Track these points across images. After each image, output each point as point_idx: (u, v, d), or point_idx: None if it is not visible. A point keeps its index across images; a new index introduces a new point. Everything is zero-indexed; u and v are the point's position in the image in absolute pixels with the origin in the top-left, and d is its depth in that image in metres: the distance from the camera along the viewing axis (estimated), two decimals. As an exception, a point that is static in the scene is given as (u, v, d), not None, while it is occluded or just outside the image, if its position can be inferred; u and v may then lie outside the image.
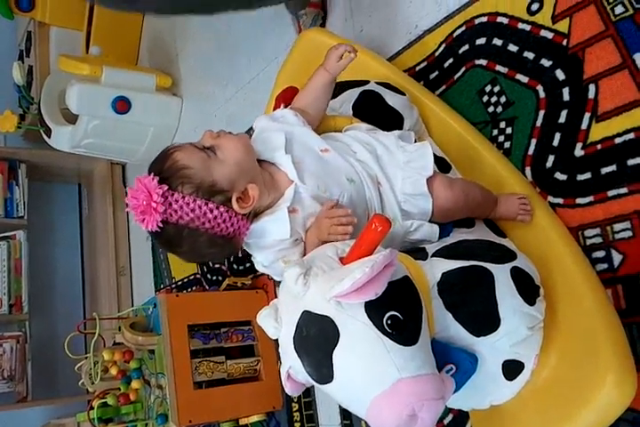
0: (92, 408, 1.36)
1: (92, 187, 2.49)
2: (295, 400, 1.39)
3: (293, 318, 0.67)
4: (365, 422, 1.18)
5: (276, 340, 0.71)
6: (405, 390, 0.60)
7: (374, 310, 0.63)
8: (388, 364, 0.61)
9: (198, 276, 1.82)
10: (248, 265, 1.61)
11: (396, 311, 0.63)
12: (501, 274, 0.72)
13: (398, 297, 0.65)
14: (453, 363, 0.69)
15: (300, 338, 0.66)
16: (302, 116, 0.90)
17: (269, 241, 0.80)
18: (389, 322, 0.63)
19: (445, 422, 1.00)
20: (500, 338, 0.70)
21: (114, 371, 1.42)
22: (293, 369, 0.71)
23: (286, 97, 1.11)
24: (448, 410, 0.99)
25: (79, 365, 1.44)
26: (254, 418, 1.45)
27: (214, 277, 1.73)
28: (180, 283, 1.92)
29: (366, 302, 0.62)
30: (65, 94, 1.90)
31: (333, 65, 0.92)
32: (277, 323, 0.71)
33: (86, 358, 1.42)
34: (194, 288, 1.79)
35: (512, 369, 0.73)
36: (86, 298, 2.50)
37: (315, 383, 0.68)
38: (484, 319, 0.70)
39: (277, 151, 0.83)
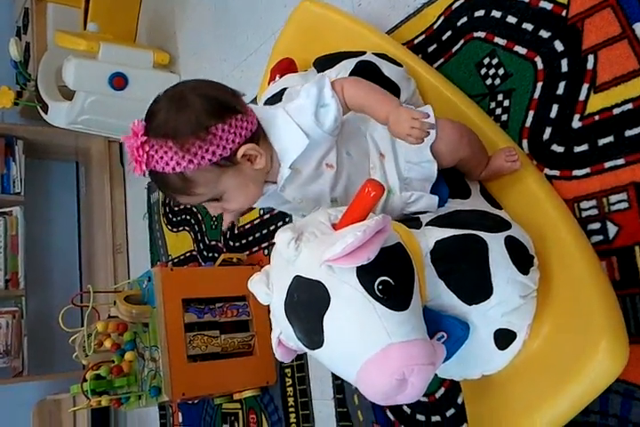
0: (85, 380, 1.36)
1: (89, 164, 2.49)
2: (289, 375, 1.40)
3: (285, 283, 0.67)
4: (357, 396, 1.18)
5: (269, 308, 0.72)
6: (395, 355, 0.60)
7: (366, 275, 0.63)
8: (378, 329, 0.61)
9: (194, 252, 1.82)
10: (244, 241, 1.61)
11: (387, 277, 0.63)
12: (495, 243, 0.71)
13: (390, 263, 0.65)
14: (445, 331, 0.69)
15: (292, 303, 0.66)
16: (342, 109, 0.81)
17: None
18: (380, 287, 0.62)
19: (437, 395, 1.00)
20: (493, 307, 0.70)
21: (108, 344, 1.42)
22: (284, 335, 0.71)
23: (281, 68, 1.10)
24: (440, 383, 0.99)
25: (73, 337, 1.44)
26: (248, 393, 1.46)
27: (210, 254, 1.73)
28: (176, 260, 1.92)
29: (358, 267, 0.62)
30: (62, 71, 1.89)
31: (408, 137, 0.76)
32: (269, 289, 0.71)
33: (80, 330, 1.42)
34: (190, 265, 1.79)
35: (504, 338, 0.72)
36: (83, 275, 2.50)
37: (305, 349, 0.68)
38: (476, 287, 0.70)
39: (287, 155, 0.79)
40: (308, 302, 0.64)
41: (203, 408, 1.71)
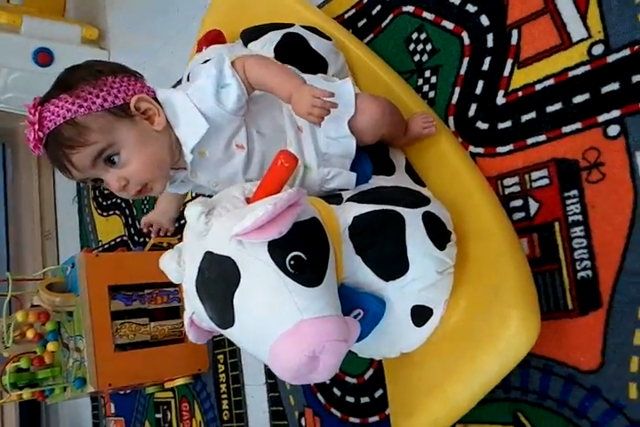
0: (4, 373, 1.29)
1: (16, 147, 2.37)
2: (221, 362, 1.37)
3: (196, 259, 0.64)
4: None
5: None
6: (306, 331, 0.58)
7: (277, 249, 0.60)
8: (289, 305, 0.59)
9: (125, 237, 1.75)
10: (176, 225, 1.55)
11: (299, 252, 0.61)
12: (413, 218, 0.70)
13: (304, 238, 0.63)
14: (361, 308, 0.68)
15: (202, 281, 0.63)
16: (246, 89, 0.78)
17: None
18: (292, 262, 0.60)
19: (366, 376, 0.99)
20: (409, 282, 0.69)
21: (30, 334, 1.35)
22: (197, 315, 0.68)
23: (209, 40, 1.06)
24: (368, 365, 0.98)
25: (-8, 328, 1.37)
26: (180, 381, 1.42)
27: (141, 239, 1.67)
28: (106, 246, 1.85)
29: (269, 242, 0.60)
30: (-19, 46, 1.78)
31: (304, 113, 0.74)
32: (181, 267, 0.68)
33: (-1, 321, 1.35)
34: (118, 250, 1.73)
35: (421, 315, 0.71)
36: (11, 263, 2.38)
37: (218, 329, 0.66)
38: (392, 263, 0.69)
39: (187, 140, 0.76)
40: (218, 278, 0.62)
41: (135, 398, 1.66)
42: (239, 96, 0.76)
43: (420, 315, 0.71)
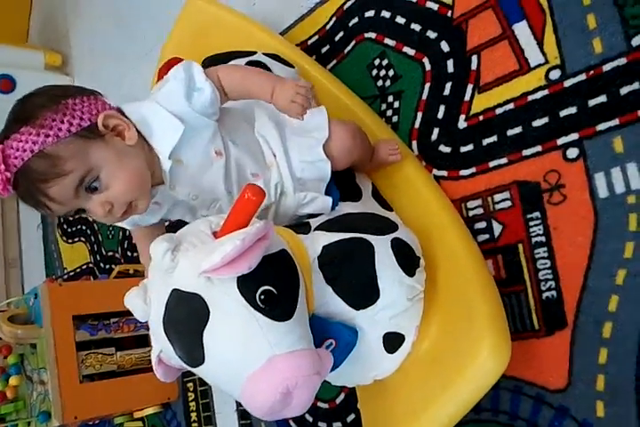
0: (-35, 410, 1.24)
1: (-24, 174, 2.31)
2: (191, 390, 1.34)
3: (163, 297, 0.62)
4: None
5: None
6: (278, 367, 0.57)
7: (247, 284, 0.59)
8: (260, 341, 0.58)
9: (91, 264, 1.72)
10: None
11: (270, 286, 0.60)
12: (381, 245, 0.70)
13: (273, 271, 0.62)
14: (333, 338, 0.67)
15: (170, 319, 0.62)
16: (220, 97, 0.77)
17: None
18: (263, 297, 0.59)
19: (337, 401, 0.98)
20: (380, 310, 0.69)
21: (-9, 368, 1.31)
22: (165, 353, 0.66)
23: (170, 68, 1.04)
24: (340, 390, 0.97)
25: (-51, 363, 1.32)
26: (149, 410, 1.39)
27: (107, 266, 1.64)
28: (72, 273, 1.81)
29: (239, 277, 0.59)
30: (-62, 71, 1.75)
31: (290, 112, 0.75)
32: (146, 304, 0.66)
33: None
34: (82, 278, 1.69)
35: (393, 342, 0.71)
36: (-28, 294, 2.32)
37: (188, 367, 0.64)
38: (363, 291, 0.68)
39: (164, 146, 0.74)
40: (187, 317, 0.60)
41: (103, 429, 1.61)
42: (212, 100, 0.74)
43: (392, 342, 0.71)
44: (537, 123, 0.77)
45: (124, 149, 0.72)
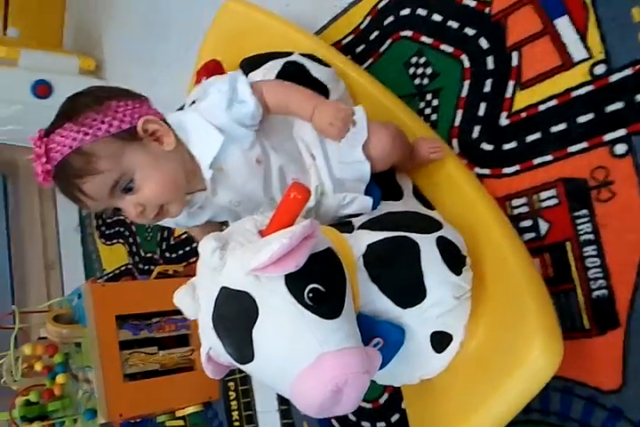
0: (14, 407, 1.28)
1: (16, 178, 2.37)
2: (232, 389, 1.36)
3: (211, 295, 0.63)
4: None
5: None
6: (328, 365, 0.57)
7: (295, 282, 0.60)
8: (309, 338, 0.58)
9: (130, 266, 1.75)
10: (181, 252, 1.55)
11: (317, 284, 0.60)
12: (427, 244, 0.70)
13: (320, 269, 0.62)
14: (381, 336, 0.67)
15: (219, 317, 0.63)
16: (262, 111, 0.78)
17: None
18: (311, 295, 0.59)
19: (381, 401, 0.98)
20: (427, 309, 0.68)
21: (38, 367, 1.34)
22: (214, 351, 0.67)
23: (208, 70, 1.06)
24: (383, 389, 0.97)
25: (0, 362, 1.36)
26: (191, 409, 1.41)
27: (146, 267, 1.67)
28: (111, 275, 1.85)
29: (286, 275, 0.59)
30: (-20, 80, 1.80)
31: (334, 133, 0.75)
32: (195, 302, 0.67)
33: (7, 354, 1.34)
34: (123, 279, 1.72)
35: (440, 341, 0.71)
36: (15, 295, 2.37)
37: (237, 364, 0.65)
38: (409, 290, 0.68)
39: (204, 155, 0.76)
40: (236, 315, 0.61)
41: (146, 427, 1.64)
42: (253, 113, 0.75)
43: (440, 341, 0.71)
44: (582, 119, 0.76)
45: (161, 154, 0.74)
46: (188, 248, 1.52)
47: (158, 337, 1.37)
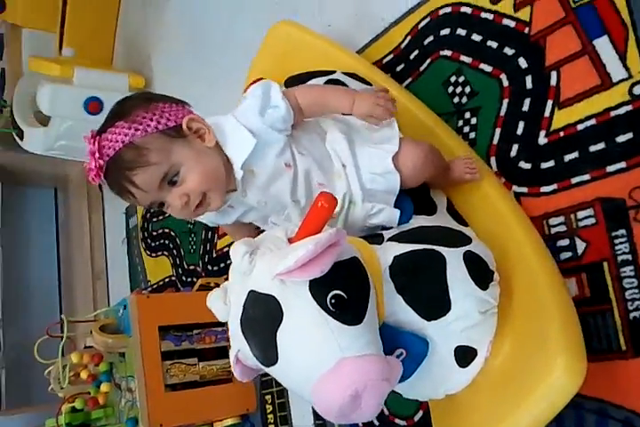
0: (60, 413, 1.32)
1: (67, 191, 2.47)
2: (269, 402, 1.37)
3: (241, 298, 0.65)
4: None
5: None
6: (347, 370, 0.59)
7: (318, 288, 0.61)
8: (330, 343, 0.60)
9: (173, 277, 1.79)
10: (222, 265, 1.58)
11: (340, 291, 0.62)
12: (454, 257, 0.70)
13: (344, 277, 0.64)
14: (404, 347, 0.67)
15: (247, 319, 0.65)
16: (294, 115, 0.82)
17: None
18: (333, 301, 0.61)
19: (415, 418, 0.98)
20: (452, 322, 0.69)
21: (84, 375, 1.38)
22: (242, 353, 0.69)
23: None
24: (418, 406, 0.97)
25: (48, 370, 1.41)
26: (228, 421, 1.42)
27: (189, 279, 1.71)
28: (155, 286, 1.90)
29: (311, 281, 0.61)
30: (37, 96, 1.88)
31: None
32: (227, 305, 0.69)
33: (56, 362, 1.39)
34: (167, 290, 1.76)
35: (464, 355, 0.71)
36: (63, 304, 2.45)
37: (262, 367, 0.67)
38: (434, 302, 0.69)
39: (237, 157, 0.80)
40: (263, 317, 0.63)
41: (184, 438, 1.66)
42: (285, 118, 0.80)
43: (464, 355, 0.70)
44: (621, 138, 0.75)
45: (203, 150, 0.80)
46: (228, 261, 1.55)
47: (198, 349, 1.40)
